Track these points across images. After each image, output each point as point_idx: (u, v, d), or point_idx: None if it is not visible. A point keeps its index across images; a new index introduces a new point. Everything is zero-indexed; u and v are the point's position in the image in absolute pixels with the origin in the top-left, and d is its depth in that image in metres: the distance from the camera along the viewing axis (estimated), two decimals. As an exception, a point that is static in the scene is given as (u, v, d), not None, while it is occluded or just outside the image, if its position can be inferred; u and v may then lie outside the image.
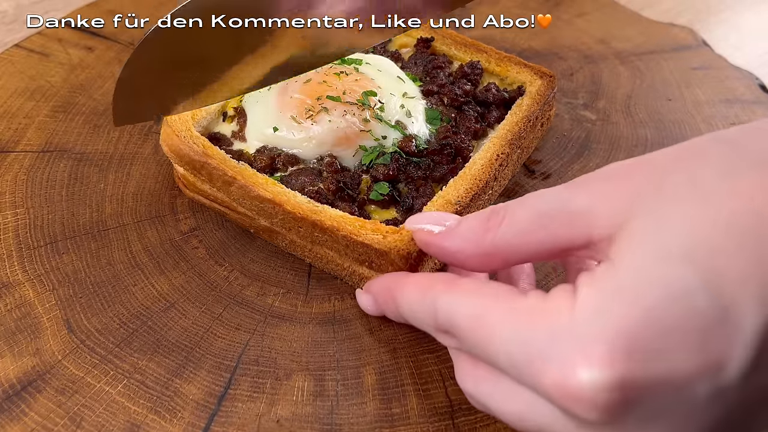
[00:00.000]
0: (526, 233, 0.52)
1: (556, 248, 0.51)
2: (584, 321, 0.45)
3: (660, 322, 0.43)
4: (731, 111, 0.93)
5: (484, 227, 0.54)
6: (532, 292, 0.50)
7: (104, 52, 0.98)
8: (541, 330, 0.47)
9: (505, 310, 0.49)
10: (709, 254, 0.44)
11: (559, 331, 0.46)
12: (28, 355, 0.64)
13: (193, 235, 0.76)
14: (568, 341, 0.45)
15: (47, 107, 0.89)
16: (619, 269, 0.46)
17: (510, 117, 0.81)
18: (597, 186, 0.51)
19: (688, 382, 0.43)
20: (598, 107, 0.95)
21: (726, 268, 0.44)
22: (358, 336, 0.68)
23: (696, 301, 0.43)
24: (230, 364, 0.65)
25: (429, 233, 0.59)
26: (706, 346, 0.43)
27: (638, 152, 0.88)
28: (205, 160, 0.73)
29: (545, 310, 0.47)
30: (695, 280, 0.43)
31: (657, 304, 0.43)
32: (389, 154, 0.74)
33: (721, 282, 0.43)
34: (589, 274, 0.47)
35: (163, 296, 0.70)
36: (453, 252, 0.57)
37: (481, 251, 0.54)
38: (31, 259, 0.72)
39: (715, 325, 0.43)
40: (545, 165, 0.87)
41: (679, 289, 0.43)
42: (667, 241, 0.45)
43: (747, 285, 0.43)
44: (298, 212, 0.68)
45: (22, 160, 0.82)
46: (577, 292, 0.47)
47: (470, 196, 0.71)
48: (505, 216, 0.53)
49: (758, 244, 0.44)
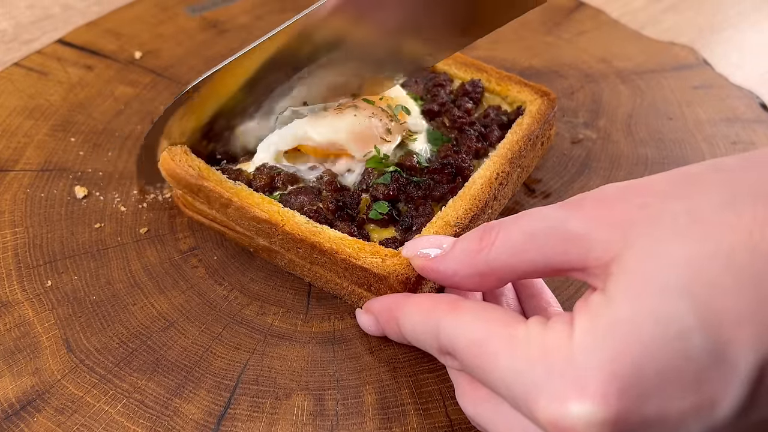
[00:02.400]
0: (519, 252, 0.53)
1: (549, 268, 0.52)
2: (579, 356, 0.46)
3: (655, 361, 0.44)
4: (732, 130, 0.95)
5: (478, 247, 0.55)
6: (533, 321, 0.51)
7: (103, 71, 1.01)
8: (537, 363, 0.48)
9: (506, 338, 0.51)
10: (707, 290, 0.45)
11: (555, 364, 0.47)
12: (27, 375, 0.66)
13: (192, 254, 0.78)
14: (563, 376, 0.46)
15: (46, 126, 0.91)
16: (614, 302, 0.47)
17: (510, 136, 0.82)
18: (593, 209, 0.51)
19: (682, 421, 0.45)
20: (599, 126, 0.97)
21: (723, 306, 0.44)
22: (358, 355, 0.69)
23: (692, 340, 0.44)
24: (230, 384, 0.66)
25: (425, 258, 0.60)
26: (700, 387, 0.44)
27: (639, 171, 0.90)
28: (201, 183, 0.74)
29: (543, 342, 0.49)
30: (692, 317, 0.44)
31: (652, 342, 0.44)
32: (389, 173, 0.75)
33: (717, 320, 0.44)
34: (586, 305, 0.48)
35: (163, 315, 0.72)
36: (449, 275, 0.58)
37: (476, 271, 0.56)
38: (31, 279, 0.74)
39: (710, 365, 0.44)
40: (545, 184, 0.88)
41: (675, 327, 0.44)
42: (664, 274, 0.45)
43: (743, 325, 0.44)
44: (297, 233, 0.70)
45: (22, 179, 0.84)
46: (574, 323, 0.48)
47: (469, 216, 0.72)
48: (499, 234, 0.54)
49: (755, 282, 0.44)
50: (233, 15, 1.13)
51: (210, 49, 1.06)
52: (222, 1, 1.15)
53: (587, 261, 0.50)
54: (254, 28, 1.10)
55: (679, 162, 0.91)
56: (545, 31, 1.13)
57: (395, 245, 0.71)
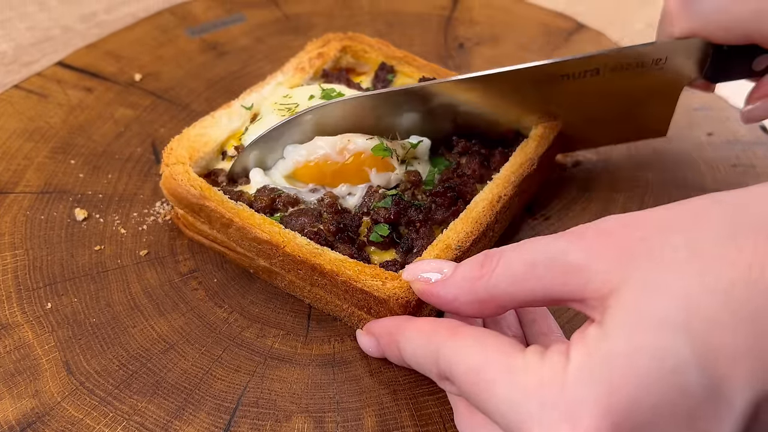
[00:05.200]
0: (519, 281, 0.55)
1: (548, 298, 0.54)
2: (574, 389, 0.48)
3: (650, 395, 0.46)
4: (732, 152, 0.98)
5: (478, 274, 0.57)
6: (531, 350, 0.53)
7: (103, 93, 1.03)
8: (533, 393, 0.50)
9: (503, 366, 0.53)
10: (704, 325, 0.46)
11: (550, 396, 0.49)
12: (27, 397, 0.67)
13: (192, 276, 0.80)
14: (557, 408, 0.48)
15: (46, 148, 0.93)
16: (610, 336, 0.48)
17: (513, 159, 0.83)
18: (593, 240, 0.53)
19: None
20: (600, 149, 0.99)
21: (720, 342, 0.45)
22: (358, 378, 0.71)
23: (688, 375, 0.45)
24: (230, 406, 0.68)
25: (426, 282, 0.62)
26: (695, 422, 0.46)
27: (639, 193, 0.92)
28: (202, 203, 0.77)
29: (539, 373, 0.50)
30: (688, 352, 0.45)
31: (648, 377, 0.46)
32: (390, 197, 0.77)
33: (714, 356, 0.45)
34: (582, 338, 0.50)
35: (163, 338, 0.73)
36: (449, 300, 0.60)
37: (476, 298, 0.58)
38: (30, 301, 0.76)
39: (704, 401, 0.45)
40: (546, 205, 0.91)
41: (671, 361, 0.45)
42: (661, 308, 0.47)
43: (740, 361, 0.45)
44: (298, 255, 0.72)
45: (21, 202, 0.86)
46: (570, 355, 0.50)
47: (471, 240, 0.74)
48: (500, 262, 0.56)
49: (753, 318, 0.45)
50: (233, 37, 1.16)
51: (210, 71, 1.09)
52: (222, 24, 1.18)
53: (585, 293, 0.51)
54: (254, 50, 1.13)
55: (678, 184, 0.93)
56: (545, 54, 1.16)
57: (396, 268, 0.73)
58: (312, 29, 1.18)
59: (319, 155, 0.80)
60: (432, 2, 1.26)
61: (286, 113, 0.85)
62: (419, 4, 1.25)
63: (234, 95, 0.91)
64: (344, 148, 0.80)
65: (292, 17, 1.21)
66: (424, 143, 0.84)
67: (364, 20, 1.22)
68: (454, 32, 1.20)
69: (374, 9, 1.24)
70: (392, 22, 1.21)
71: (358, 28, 1.12)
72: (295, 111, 0.84)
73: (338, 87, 0.90)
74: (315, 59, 0.97)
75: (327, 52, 0.98)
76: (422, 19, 1.23)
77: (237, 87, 1.04)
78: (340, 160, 0.80)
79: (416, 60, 0.98)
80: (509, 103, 0.83)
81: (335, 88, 0.90)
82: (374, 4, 1.25)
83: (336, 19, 1.22)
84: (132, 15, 1.21)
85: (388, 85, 0.97)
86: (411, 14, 1.23)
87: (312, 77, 0.96)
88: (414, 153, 0.83)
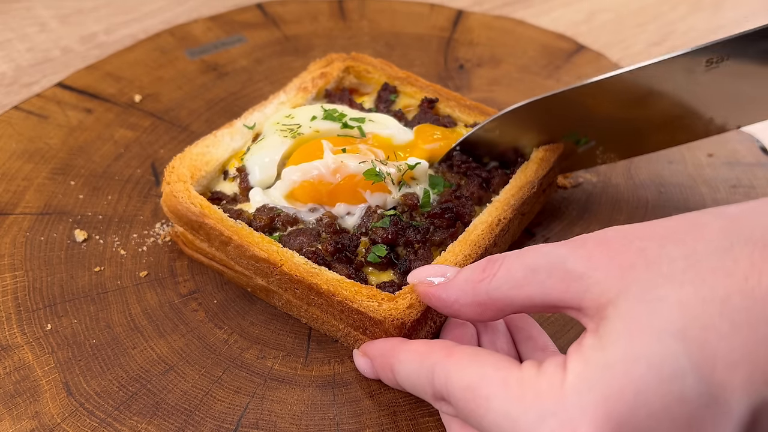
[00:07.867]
0: (520, 286, 0.57)
1: (546, 304, 0.56)
2: (572, 399, 0.49)
3: (648, 403, 0.47)
4: (732, 173, 1.00)
5: (480, 277, 0.59)
6: (526, 364, 0.55)
7: (103, 114, 1.05)
8: (531, 406, 0.51)
9: (499, 381, 0.54)
10: (701, 333, 0.47)
11: (548, 407, 0.50)
12: (27, 419, 0.69)
13: (192, 297, 0.82)
14: (555, 419, 0.49)
15: (46, 169, 0.96)
16: (607, 345, 0.50)
17: (514, 182, 0.85)
18: (593, 250, 0.54)
19: None
20: (599, 169, 1.01)
21: (717, 349, 0.47)
22: (358, 399, 0.72)
23: (685, 382, 0.47)
24: (230, 427, 0.69)
25: (429, 285, 0.64)
26: (692, 430, 0.47)
27: (639, 214, 0.94)
28: (202, 220, 0.79)
29: (536, 385, 0.52)
30: (685, 360, 0.47)
31: (645, 385, 0.47)
32: (388, 217, 0.79)
33: (711, 363, 0.47)
34: (579, 349, 0.52)
35: (163, 359, 0.75)
36: (450, 303, 0.62)
37: (476, 300, 0.60)
38: (30, 322, 0.78)
39: (702, 409, 0.47)
40: (546, 227, 0.93)
41: (668, 369, 0.47)
42: (658, 317, 0.48)
43: (737, 368, 0.47)
44: (295, 273, 0.74)
45: (21, 223, 0.88)
46: (567, 366, 0.51)
47: (468, 262, 0.75)
48: (501, 266, 0.58)
49: (750, 326, 0.47)
50: (233, 58, 1.19)
51: (210, 91, 1.12)
52: (222, 45, 1.21)
53: (583, 301, 0.53)
54: (254, 71, 1.16)
55: (679, 205, 0.95)
56: (546, 75, 1.18)
57: (393, 289, 0.74)
58: (312, 50, 1.21)
59: (314, 175, 0.82)
60: (432, 23, 1.29)
61: (288, 133, 0.87)
62: (419, 26, 1.28)
63: (234, 116, 0.93)
64: (337, 169, 0.82)
65: (291, 38, 1.24)
66: (422, 165, 0.86)
67: (365, 41, 1.25)
68: (455, 53, 1.22)
69: (374, 30, 1.27)
70: (393, 44, 1.24)
71: (359, 49, 1.14)
72: (297, 132, 0.87)
73: (340, 107, 0.93)
74: (318, 79, 0.99)
75: (330, 72, 1.00)
76: (422, 40, 1.25)
77: (237, 108, 1.07)
78: (333, 181, 0.82)
79: (419, 80, 1.00)
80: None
81: (337, 108, 0.92)
82: (374, 25, 1.28)
83: (336, 40, 1.25)
84: (132, 36, 1.24)
85: (390, 105, 1.00)
86: (411, 35, 1.26)
87: (315, 97, 0.99)
88: (412, 174, 0.85)
